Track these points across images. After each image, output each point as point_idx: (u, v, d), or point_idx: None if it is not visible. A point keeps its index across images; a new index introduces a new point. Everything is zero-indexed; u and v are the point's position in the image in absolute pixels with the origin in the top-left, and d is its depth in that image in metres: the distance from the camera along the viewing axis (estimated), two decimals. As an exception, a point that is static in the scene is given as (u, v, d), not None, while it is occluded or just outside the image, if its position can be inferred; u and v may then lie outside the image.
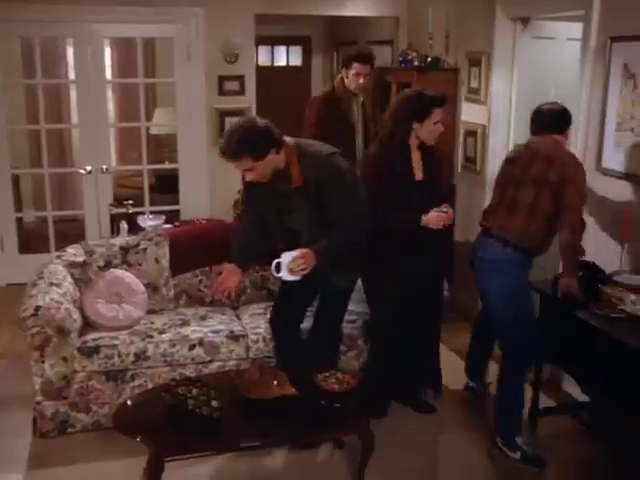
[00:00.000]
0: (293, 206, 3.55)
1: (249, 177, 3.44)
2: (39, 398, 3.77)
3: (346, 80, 4.98)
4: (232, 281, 3.73)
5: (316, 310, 3.88)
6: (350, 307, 3.95)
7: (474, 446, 3.84)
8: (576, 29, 4.36)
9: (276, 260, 3.54)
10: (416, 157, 3.88)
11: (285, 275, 3.54)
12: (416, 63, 5.88)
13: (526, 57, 5.10)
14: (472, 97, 5.51)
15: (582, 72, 4.21)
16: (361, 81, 4.95)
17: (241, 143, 3.29)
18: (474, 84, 5.46)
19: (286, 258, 3.51)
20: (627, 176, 3.82)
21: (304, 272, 3.52)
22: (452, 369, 4.42)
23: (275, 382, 3.36)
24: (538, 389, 3.95)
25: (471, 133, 5.51)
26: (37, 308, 3.69)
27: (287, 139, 3.48)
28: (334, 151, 3.55)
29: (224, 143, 3.35)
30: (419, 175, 3.89)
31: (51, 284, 3.94)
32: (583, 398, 4.15)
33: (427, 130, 3.80)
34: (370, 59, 4.99)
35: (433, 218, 3.79)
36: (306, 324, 3.94)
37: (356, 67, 4.90)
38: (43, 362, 3.72)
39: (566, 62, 4.85)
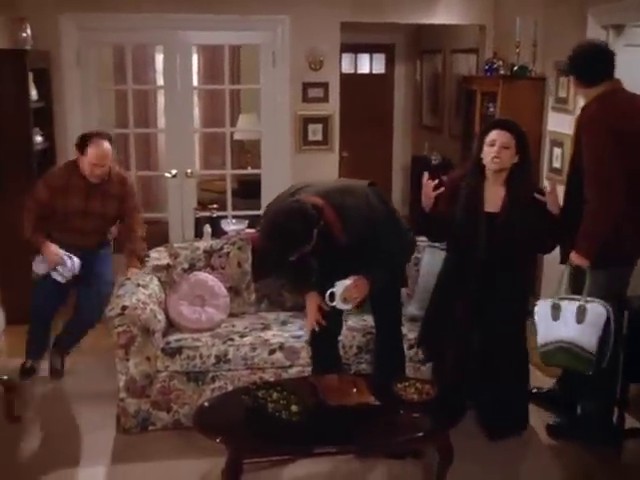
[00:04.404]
0: (337, 257, 3.51)
1: None
2: (123, 395, 3.88)
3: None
4: (314, 310, 3.68)
5: (373, 317, 3.87)
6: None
7: (558, 464, 3.74)
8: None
9: (330, 290, 3.51)
10: (495, 189, 3.73)
11: (339, 304, 3.52)
12: (502, 72, 5.81)
13: (619, 65, 4.92)
14: (559, 107, 5.38)
15: (678, 82, 4.07)
16: None
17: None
18: (562, 94, 5.33)
19: (340, 288, 3.48)
20: None
21: (357, 300, 3.53)
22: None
23: (354, 389, 3.36)
24: (623, 409, 3.83)
25: (558, 143, 5.38)
26: (124, 308, 3.80)
27: (318, 201, 3.33)
28: (366, 193, 3.48)
29: None
30: (492, 207, 3.71)
31: (138, 285, 4.06)
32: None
33: (486, 153, 3.69)
34: None
35: None
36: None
37: None
38: (128, 360, 3.83)
39: (662, 71, 4.68)
